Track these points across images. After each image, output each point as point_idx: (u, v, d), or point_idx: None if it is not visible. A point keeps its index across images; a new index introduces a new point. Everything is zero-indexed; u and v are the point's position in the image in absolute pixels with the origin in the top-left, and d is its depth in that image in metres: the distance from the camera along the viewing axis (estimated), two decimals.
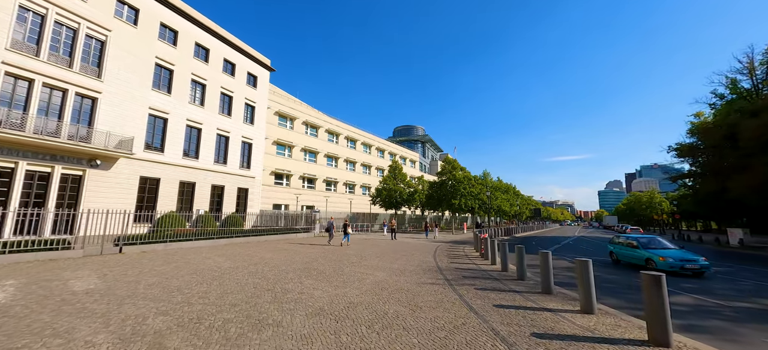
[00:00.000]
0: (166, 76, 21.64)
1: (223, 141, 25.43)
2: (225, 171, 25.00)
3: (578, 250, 21.85)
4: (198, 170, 22.95)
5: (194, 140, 23.22)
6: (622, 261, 14.17)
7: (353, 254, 14.09)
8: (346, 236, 17.80)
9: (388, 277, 9.17)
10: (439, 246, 19.64)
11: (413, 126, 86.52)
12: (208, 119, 24.01)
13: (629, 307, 7.05)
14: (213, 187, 24.16)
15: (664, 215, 56.88)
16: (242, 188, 26.64)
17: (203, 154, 23.49)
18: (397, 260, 12.63)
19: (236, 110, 26.46)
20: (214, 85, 24.77)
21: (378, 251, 15.88)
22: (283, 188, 38.71)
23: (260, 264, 10.83)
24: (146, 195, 20.03)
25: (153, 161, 20.19)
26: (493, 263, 12.29)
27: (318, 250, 15.39)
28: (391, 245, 19.34)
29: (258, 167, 28.54)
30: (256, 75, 29.03)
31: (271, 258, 12.25)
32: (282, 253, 13.86)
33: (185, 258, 11.67)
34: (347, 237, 17.80)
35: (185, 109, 22.39)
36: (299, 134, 41.76)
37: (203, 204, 23.08)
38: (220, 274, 9.00)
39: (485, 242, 14.05)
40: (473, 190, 38.77)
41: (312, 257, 12.75)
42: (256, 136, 28.25)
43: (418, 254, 14.86)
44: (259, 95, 29.07)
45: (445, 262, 12.67)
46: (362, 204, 48.35)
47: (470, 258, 14.13)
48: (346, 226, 18.11)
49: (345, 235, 17.92)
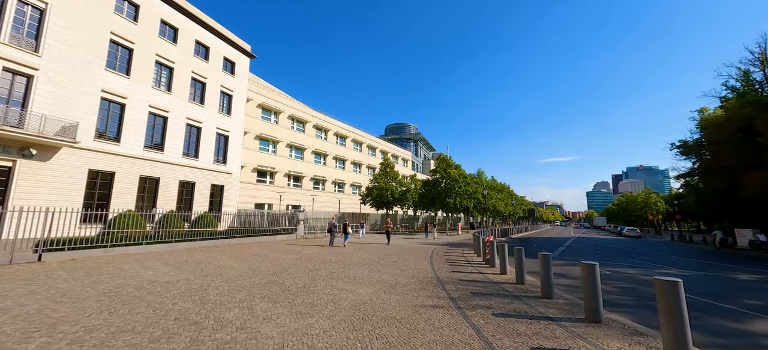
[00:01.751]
0: (124, 56, 18.90)
1: (195, 132, 22.75)
2: (196, 166, 22.33)
3: (585, 253, 20.01)
4: (163, 163, 20.25)
5: (159, 129, 20.50)
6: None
7: (335, 261, 11.79)
8: (347, 237, 17.76)
9: (373, 296, 6.90)
10: (435, 250, 17.49)
11: (405, 124, 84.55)
12: (176, 107, 21.31)
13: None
14: (181, 183, 21.47)
15: (659, 215, 56.25)
16: (217, 184, 23.99)
17: (170, 145, 20.79)
18: (387, 269, 10.38)
19: (210, 99, 23.80)
20: (184, 69, 22.08)
21: (365, 256, 13.59)
22: (267, 187, 36.06)
23: (212, 277, 8.43)
24: (98, 192, 17.27)
25: (106, 152, 17.45)
26: (503, 272, 10.15)
27: (293, 256, 13.01)
28: (380, 249, 17.09)
29: (236, 162, 25.92)
30: (234, 61, 26.40)
31: (231, 268, 9.84)
32: (249, 260, 11.45)
33: (119, 268, 9.17)
34: (347, 238, 17.79)
35: (148, 94, 19.67)
36: (285, 129, 39.14)
37: (169, 202, 20.39)
38: (144, 293, 6.58)
39: (490, 246, 11.94)
40: (469, 189, 36.84)
41: (283, 266, 10.38)
42: (233, 128, 25.62)
43: (413, 261, 12.64)
44: (238, 83, 26.45)
45: (445, 271, 10.48)
46: (352, 204, 45.97)
47: (473, 265, 11.99)
48: (346, 226, 18.03)
49: (345, 236, 17.79)
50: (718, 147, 23.21)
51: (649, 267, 13.99)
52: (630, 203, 68.64)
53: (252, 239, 18.63)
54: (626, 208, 73.58)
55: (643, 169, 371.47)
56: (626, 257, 18.10)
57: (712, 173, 25.77)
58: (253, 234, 19.32)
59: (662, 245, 29.52)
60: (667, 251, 23.47)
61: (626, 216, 73.38)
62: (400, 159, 61.75)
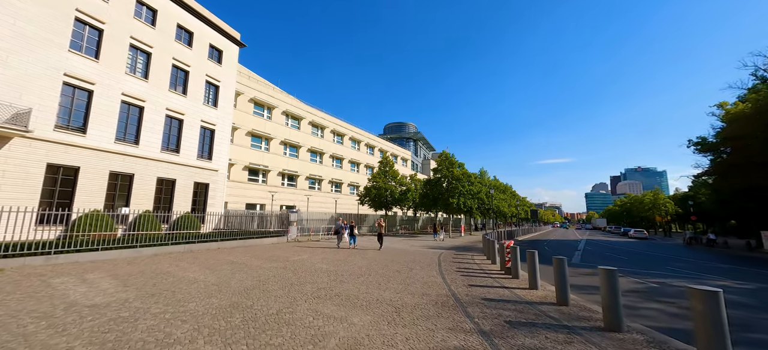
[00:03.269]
0: (92, 37, 16.84)
1: (176, 124, 20.68)
2: (177, 161, 20.25)
3: (609, 258, 18.06)
4: (138, 158, 18.18)
5: (134, 120, 18.43)
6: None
7: (326, 271, 9.78)
8: (353, 239, 17.37)
9: (372, 330, 4.89)
10: (442, 255, 15.50)
11: (405, 123, 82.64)
12: (154, 96, 19.25)
13: None
14: (160, 181, 19.38)
15: (668, 216, 54.43)
16: (201, 182, 21.92)
17: (146, 138, 18.72)
18: (390, 282, 8.37)
19: (194, 88, 21.75)
20: (164, 55, 20.03)
21: (363, 265, 11.58)
22: (259, 186, 34.00)
23: (159, 296, 6.40)
24: (59, 189, 15.19)
25: (69, 144, 15.37)
26: (533, 286, 8.16)
27: (277, 265, 10.99)
28: (380, 255, 15.09)
29: (223, 158, 23.85)
30: (221, 49, 24.36)
31: (192, 282, 7.81)
32: (221, 270, 9.42)
33: (47, 282, 7.13)
34: (354, 240, 17.42)
35: (120, 80, 17.61)
36: (278, 126, 37.10)
37: (145, 202, 18.31)
38: (41, 328, 4.55)
39: (512, 253, 9.96)
40: (473, 188, 34.89)
41: (260, 279, 8.36)
42: (220, 121, 23.57)
43: (419, 270, 10.65)
44: (225, 73, 24.41)
45: (460, 284, 8.49)
46: (349, 204, 43.93)
47: (491, 275, 10.01)
48: (353, 228, 17.56)
49: (351, 238, 17.39)
50: (746, 142, 21.35)
51: (697, 277, 12.04)
52: (635, 204, 66.86)
53: (235, 243, 16.60)
54: (630, 209, 71.82)
55: (641, 170, 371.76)
56: (660, 264, 16.17)
57: (735, 170, 23.93)
58: (238, 237, 17.29)
59: (686, 250, 27.63)
60: (696, 256, 21.58)
61: (630, 217, 71.62)
62: (399, 158, 59.79)
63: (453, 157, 36.14)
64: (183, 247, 14.14)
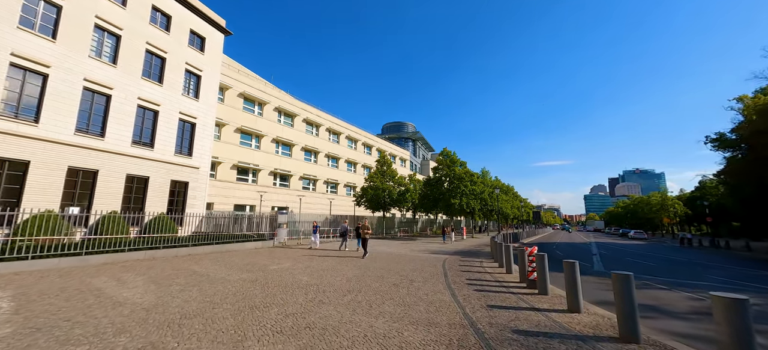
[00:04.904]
0: (48, 15, 14.82)
1: (150, 116, 18.65)
2: (150, 157, 18.20)
3: (631, 264, 16.10)
4: (103, 152, 16.13)
5: (99, 110, 16.39)
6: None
7: (307, 284, 7.77)
8: (359, 241, 16.72)
9: None
10: (447, 261, 13.51)
11: (403, 123, 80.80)
12: (124, 84, 17.23)
13: None
14: (130, 178, 17.33)
15: (676, 218, 52.55)
16: (179, 181, 19.86)
17: (114, 131, 16.69)
18: (384, 304, 6.38)
19: (171, 77, 19.73)
20: (136, 38, 18.03)
21: (353, 276, 9.57)
22: (248, 186, 31.94)
23: (40, 333, 4.38)
24: (3, 186, 13.12)
25: (17, 134, 13.31)
26: (574, 308, 6.17)
27: (248, 276, 8.96)
28: (374, 263, 13.09)
29: (205, 154, 21.81)
30: (204, 36, 22.37)
31: (119, 304, 5.79)
32: (169, 287, 7.39)
33: None
34: (359, 242, 16.64)
35: (83, 64, 15.59)
36: (270, 123, 35.09)
37: (111, 201, 16.25)
38: None
39: (539, 263, 7.98)
40: (476, 188, 32.93)
41: (212, 301, 6.33)
42: (202, 114, 21.55)
43: (421, 282, 8.65)
44: (209, 63, 22.41)
45: (476, 304, 6.50)
46: (345, 205, 41.93)
47: (510, 289, 8.02)
48: (359, 230, 16.71)
49: (358, 240, 16.79)
50: None
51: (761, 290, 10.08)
52: (641, 206, 65.04)
53: (211, 249, 14.57)
54: (635, 210, 70.02)
55: (640, 172, 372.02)
56: (698, 271, 14.23)
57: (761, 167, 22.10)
58: (216, 242, 15.25)
59: (707, 254, 25.75)
60: (726, 261, 19.68)
61: (635, 219, 69.78)
62: (398, 159, 57.85)
63: (454, 155, 34.22)
64: (145, 253, 12.12)
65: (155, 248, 12.75)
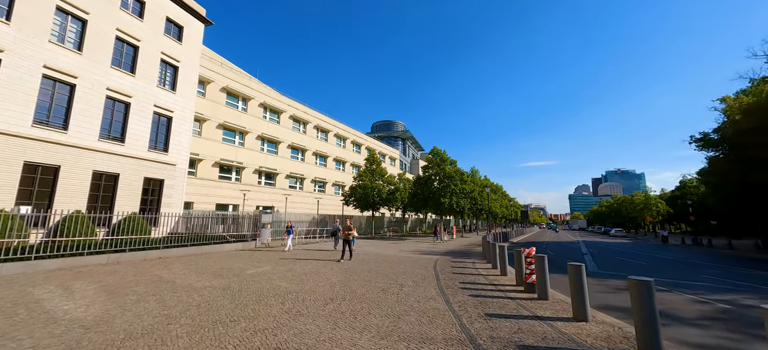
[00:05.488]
0: None
1: (121, 109, 17.31)
2: (121, 152, 16.89)
3: (617, 262, 15.87)
4: (66, 147, 14.78)
5: (62, 100, 15.02)
6: None
7: (282, 292, 6.95)
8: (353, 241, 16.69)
9: None
10: (438, 262, 12.88)
11: (393, 121, 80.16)
12: (91, 73, 15.88)
13: None
14: (97, 175, 15.99)
15: (659, 216, 53.92)
16: (154, 178, 18.57)
17: (78, 123, 15.33)
18: (370, 315, 5.63)
19: (145, 67, 18.41)
20: (104, 24, 16.68)
21: (337, 280, 8.78)
22: (232, 184, 30.63)
23: None
24: None
25: None
26: (581, 316, 5.58)
27: (221, 283, 8.05)
28: (359, 265, 12.35)
29: (183, 151, 20.53)
30: (182, 25, 21.07)
31: (53, 320, 4.85)
32: (125, 296, 6.44)
33: None
34: (353, 241, 16.70)
35: (42, 49, 14.21)
36: (255, 119, 33.78)
37: (76, 200, 14.92)
38: None
39: (538, 265, 7.40)
40: (466, 187, 32.55)
41: (169, 314, 5.43)
42: (179, 108, 20.26)
43: (412, 287, 7.94)
44: (187, 53, 21.12)
45: (474, 313, 5.83)
46: (334, 205, 40.98)
47: (507, 294, 7.41)
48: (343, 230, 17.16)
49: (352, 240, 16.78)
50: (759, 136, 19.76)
51: (761, 291, 9.81)
52: (625, 205, 66.50)
53: (185, 251, 13.51)
54: (619, 209, 71.56)
55: (621, 173, 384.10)
56: (691, 271, 14.05)
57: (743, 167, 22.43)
58: (191, 243, 14.17)
59: (693, 252, 26.07)
60: (717, 260, 19.79)
61: (619, 218, 71.34)
62: (387, 158, 57.16)
63: (445, 153, 33.75)
64: (109, 257, 11.01)
65: (121, 251, 11.65)
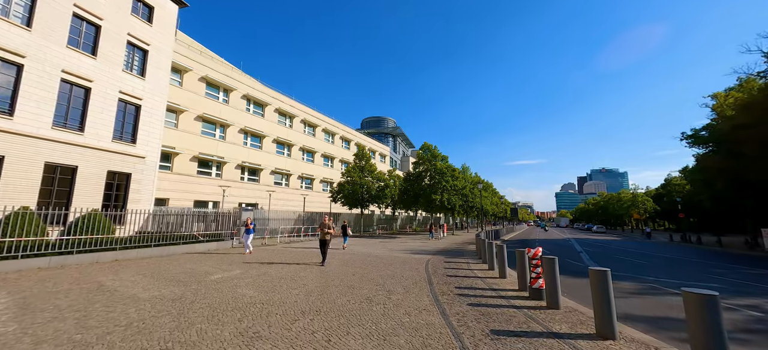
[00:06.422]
0: None
1: (79, 94, 15.55)
2: (79, 143, 15.16)
3: (615, 260, 15.18)
4: (10, 134, 13.03)
5: (5, 81, 13.20)
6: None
7: (245, 304, 5.71)
8: (346, 239, 17.25)
9: None
10: (430, 263, 11.82)
11: (383, 118, 78.98)
12: (42, 53, 14.11)
13: None
14: (49, 167, 14.26)
15: (646, 214, 54.65)
16: (119, 172, 16.88)
17: (28, 109, 13.58)
18: (349, 335, 4.45)
19: (108, 49, 16.66)
20: None
21: (315, 287, 7.59)
22: (212, 180, 28.92)
23: None
24: None
25: None
26: (605, 333, 4.57)
27: (173, 292, 6.75)
28: (341, 267, 11.17)
29: (153, 142, 18.84)
30: (152, 5, 19.29)
31: None
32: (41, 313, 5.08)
33: None
34: (346, 239, 17.27)
35: None
36: (238, 111, 32.07)
37: (24, 195, 13.20)
38: None
39: (548, 269, 6.39)
40: (457, 184, 31.72)
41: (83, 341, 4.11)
42: (149, 95, 18.55)
43: (402, 293, 6.82)
44: (158, 36, 19.38)
45: (476, 329, 4.75)
46: (321, 202, 39.63)
47: (511, 302, 6.38)
48: (346, 228, 17.51)
49: (344, 238, 17.21)
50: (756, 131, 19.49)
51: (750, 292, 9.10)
52: (611, 202, 67.34)
53: (149, 253, 12.05)
54: (606, 207, 72.49)
55: (606, 171, 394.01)
56: (695, 271, 13.42)
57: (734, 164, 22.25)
58: (155, 244, 12.68)
59: (685, 249, 25.88)
60: (716, 259, 19.43)
61: (606, 215, 72.28)
62: (377, 154, 56.00)
63: (436, 149, 32.81)
64: (51, 260, 9.53)
65: (69, 252, 10.13)
